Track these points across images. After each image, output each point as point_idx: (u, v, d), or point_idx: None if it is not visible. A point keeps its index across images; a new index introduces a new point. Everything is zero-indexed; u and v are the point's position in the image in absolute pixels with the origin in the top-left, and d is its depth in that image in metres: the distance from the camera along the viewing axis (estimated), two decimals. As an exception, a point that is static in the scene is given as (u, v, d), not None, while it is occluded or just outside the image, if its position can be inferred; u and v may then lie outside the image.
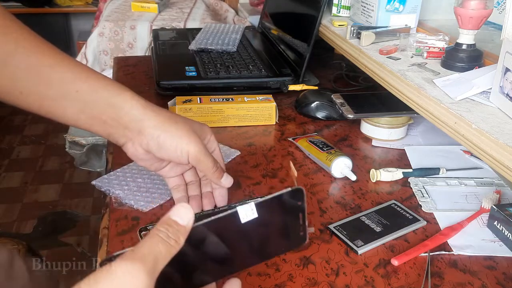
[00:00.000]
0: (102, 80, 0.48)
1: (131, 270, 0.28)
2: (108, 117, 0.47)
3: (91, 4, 2.63)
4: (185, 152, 0.48)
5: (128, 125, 0.47)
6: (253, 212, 0.34)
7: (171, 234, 0.30)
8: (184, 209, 0.31)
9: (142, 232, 0.49)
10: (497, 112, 0.52)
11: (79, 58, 1.51)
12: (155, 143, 0.48)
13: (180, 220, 0.31)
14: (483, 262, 0.49)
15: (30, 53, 0.46)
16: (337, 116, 0.78)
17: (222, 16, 1.67)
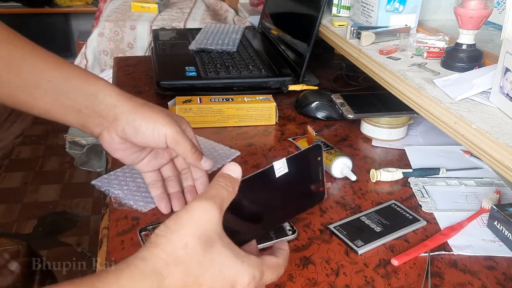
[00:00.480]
0: (75, 70, 0.48)
1: (206, 206, 0.35)
2: (81, 105, 0.47)
3: (91, 4, 2.63)
4: (162, 134, 0.48)
5: (103, 112, 0.47)
6: (285, 166, 0.41)
7: (228, 183, 0.37)
8: (234, 166, 0.39)
9: (142, 233, 0.49)
10: (497, 112, 0.52)
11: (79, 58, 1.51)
12: (131, 127, 0.47)
13: (233, 174, 0.38)
14: (483, 262, 0.49)
15: (1, 45, 0.46)
16: (337, 116, 0.78)
17: (222, 16, 1.67)
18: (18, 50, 0.46)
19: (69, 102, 0.47)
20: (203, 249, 0.34)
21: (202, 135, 0.71)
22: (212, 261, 0.35)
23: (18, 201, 1.67)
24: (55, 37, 2.70)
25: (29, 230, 1.51)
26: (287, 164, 0.41)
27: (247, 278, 0.36)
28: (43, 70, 0.46)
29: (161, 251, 0.34)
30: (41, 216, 1.57)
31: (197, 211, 0.35)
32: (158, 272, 0.33)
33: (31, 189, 1.74)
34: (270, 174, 0.41)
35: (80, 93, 0.47)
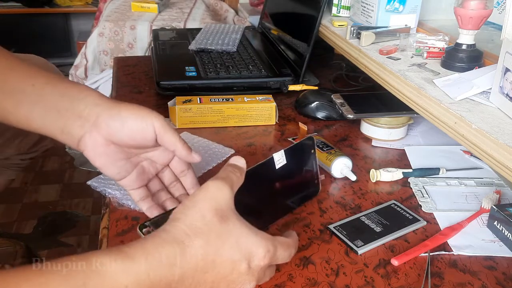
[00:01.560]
0: (59, 76, 0.48)
1: (219, 184, 0.39)
2: (61, 107, 0.45)
3: (91, 4, 2.63)
4: (150, 124, 0.46)
5: (84, 112, 0.45)
6: (283, 158, 0.45)
7: (236, 170, 0.42)
8: (239, 158, 0.43)
9: (143, 229, 0.48)
10: (497, 112, 0.52)
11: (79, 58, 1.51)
12: (116, 120, 0.45)
13: (238, 163, 0.43)
14: (483, 262, 0.49)
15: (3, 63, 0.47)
16: (337, 116, 0.78)
17: (222, 16, 1.67)
18: (7, 61, 0.47)
19: (49, 104, 0.45)
20: (219, 221, 0.37)
21: (202, 135, 0.71)
22: (229, 231, 0.37)
23: (18, 201, 1.67)
24: (55, 37, 2.70)
25: (29, 230, 1.51)
26: (285, 156, 0.45)
27: (262, 250, 0.38)
28: (29, 76, 0.46)
29: (181, 223, 0.37)
30: (41, 216, 1.56)
31: (211, 188, 0.38)
32: (180, 241, 0.36)
33: (31, 189, 1.74)
34: (270, 166, 0.45)
35: (61, 94, 0.46)
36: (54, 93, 0.46)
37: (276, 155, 0.45)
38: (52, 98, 0.46)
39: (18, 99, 0.46)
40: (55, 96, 0.46)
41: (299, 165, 0.49)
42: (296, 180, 0.49)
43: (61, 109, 0.45)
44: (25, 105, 0.46)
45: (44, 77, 0.47)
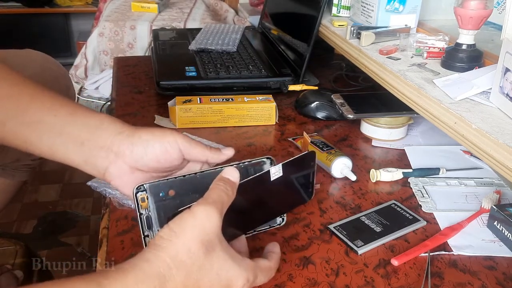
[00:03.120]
0: (81, 106, 0.48)
1: (209, 211, 0.37)
2: (84, 138, 0.45)
3: (91, 4, 2.63)
4: (173, 141, 0.45)
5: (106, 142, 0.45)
6: (280, 171, 0.44)
7: (228, 187, 0.40)
8: (232, 170, 0.41)
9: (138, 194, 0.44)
10: (497, 112, 0.52)
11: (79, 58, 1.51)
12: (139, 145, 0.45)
13: (231, 178, 0.41)
14: (483, 262, 0.49)
15: (12, 85, 0.47)
16: (337, 116, 0.78)
17: (222, 16, 1.67)
18: (28, 90, 0.47)
19: (72, 135, 0.45)
20: (204, 253, 0.36)
21: (202, 135, 0.71)
22: (212, 264, 0.37)
23: (18, 201, 1.67)
24: (55, 37, 2.69)
25: (29, 230, 1.51)
26: (282, 169, 0.44)
27: (241, 281, 0.38)
28: (50, 107, 0.46)
29: (165, 254, 0.36)
30: (41, 216, 1.56)
31: (200, 216, 0.37)
32: (162, 275, 0.35)
33: (31, 189, 1.74)
34: (265, 178, 0.44)
35: (84, 125, 0.46)
36: (77, 124, 0.46)
37: (273, 169, 0.44)
38: (75, 129, 0.46)
39: (41, 130, 0.46)
40: (77, 127, 0.46)
41: (296, 177, 0.49)
42: (290, 189, 0.49)
43: (84, 141, 0.45)
44: (47, 136, 0.46)
45: (66, 106, 0.47)
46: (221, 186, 0.39)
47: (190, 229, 0.36)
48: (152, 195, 0.44)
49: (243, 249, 0.44)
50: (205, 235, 0.36)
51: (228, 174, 0.41)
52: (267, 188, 0.45)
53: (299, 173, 0.49)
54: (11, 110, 0.46)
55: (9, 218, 1.59)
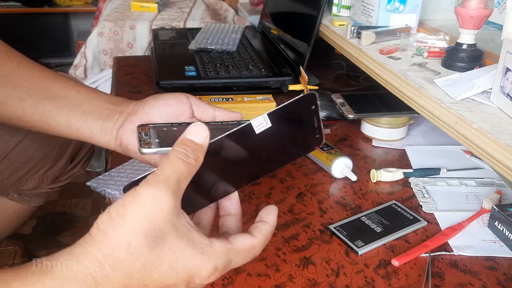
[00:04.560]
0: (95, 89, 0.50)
1: (156, 193, 0.29)
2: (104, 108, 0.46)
3: (90, 4, 2.63)
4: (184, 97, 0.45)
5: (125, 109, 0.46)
6: (267, 122, 0.35)
7: (190, 154, 0.31)
8: (198, 127, 0.32)
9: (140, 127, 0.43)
10: (497, 112, 0.52)
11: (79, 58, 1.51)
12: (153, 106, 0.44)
13: (197, 139, 0.32)
14: (484, 262, 0.49)
15: (32, 68, 0.49)
16: (337, 116, 0.77)
17: (222, 16, 1.67)
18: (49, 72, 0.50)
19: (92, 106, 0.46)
20: (150, 247, 0.29)
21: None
22: (162, 258, 0.30)
23: (17, 201, 1.66)
24: (54, 36, 2.69)
25: (28, 230, 1.51)
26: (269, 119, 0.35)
27: (206, 271, 0.31)
28: (73, 86, 0.48)
29: (97, 251, 0.29)
30: (40, 216, 1.56)
31: (145, 200, 0.29)
32: (90, 278, 0.28)
33: (31, 189, 1.74)
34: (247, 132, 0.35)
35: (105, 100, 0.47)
36: (98, 98, 0.47)
37: (255, 121, 0.35)
38: (95, 102, 0.46)
39: (61, 102, 0.47)
40: (98, 101, 0.47)
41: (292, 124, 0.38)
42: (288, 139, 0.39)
43: (103, 110, 0.46)
44: (68, 107, 0.46)
45: (89, 88, 0.48)
46: (180, 153, 0.31)
47: (131, 218, 0.29)
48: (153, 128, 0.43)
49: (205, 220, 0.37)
50: (151, 224, 0.29)
51: (192, 134, 0.32)
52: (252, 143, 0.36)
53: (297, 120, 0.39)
54: (32, 88, 0.47)
55: (8, 218, 1.58)
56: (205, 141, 0.32)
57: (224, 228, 0.37)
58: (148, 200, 0.29)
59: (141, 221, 0.29)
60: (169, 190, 0.30)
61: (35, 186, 0.70)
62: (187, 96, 0.45)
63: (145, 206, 0.29)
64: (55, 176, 0.73)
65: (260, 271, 0.46)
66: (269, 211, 0.36)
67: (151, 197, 0.29)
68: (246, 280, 0.45)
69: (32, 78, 0.48)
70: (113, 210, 0.29)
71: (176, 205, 0.30)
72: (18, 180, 0.67)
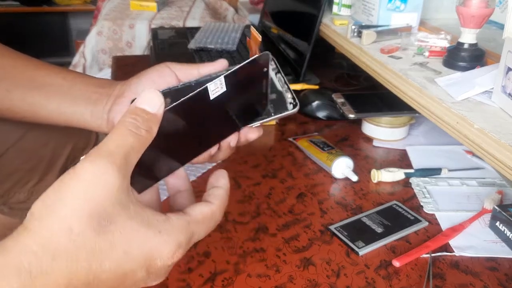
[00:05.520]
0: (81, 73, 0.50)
1: (98, 170, 0.25)
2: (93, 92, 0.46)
3: (89, 3, 2.62)
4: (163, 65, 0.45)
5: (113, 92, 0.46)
6: (222, 86, 0.32)
7: (141, 124, 0.28)
8: (152, 94, 0.29)
9: None
10: (499, 112, 0.51)
11: (77, 57, 1.51)
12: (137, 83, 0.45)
13: (149, 108, 0.28)
14: (485, 263, 0.49)
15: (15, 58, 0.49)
16: (338, 116, 0.77)
17: (221, 15, 1.67)
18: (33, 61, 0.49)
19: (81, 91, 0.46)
20: (96, 231, 0.25)
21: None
22: (112, 243, 0.26)
23: (16, 201, 1.66)
24: (53, 36, 2.69)
25: (27, 229, 1.50)
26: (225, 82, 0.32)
27: (168, 250, 0.28)
28: (58, 72, 0.48)
29: (31, 241, 0.25)
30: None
31: (85, 177, 0.25)
32: (25, 272, 0.24)
33: (30, 189, 1.73)
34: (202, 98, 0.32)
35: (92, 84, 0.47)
36: (84, 83, 0.47)
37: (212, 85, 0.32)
38: (83, 87, 0.47)
39: (49, 91, 0.47)
40: (85, 86, 0.47)
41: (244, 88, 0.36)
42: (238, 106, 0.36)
43: (91, 94, 0.46)
44: (56, 96, 0.46)
45: (73, 73, 0.49)
46: (129, 124, 0.27)
47: (71, 199, 0.25)
48: None
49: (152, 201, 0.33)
50: (94, 205, 0.25)
51: (144, 102, 0.28)
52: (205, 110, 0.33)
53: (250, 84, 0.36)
54: (18, 78, 0.47)
55: (7, 218, 1.58)
56: (158, 110, 0.28)
57: (176, 205, 0.34)
58: (89, 177, 0.25)
59: (81, 202, 0.25)
60: (113, 165, 0.26)
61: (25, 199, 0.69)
62: (168, 66, 0.44)
63: (85, 185, 0.25)
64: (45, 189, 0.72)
65: (260, 271, 0.46)
66: (218, 175, 0.34)
67: (91, 174, 0.25)
68: (246, 280, 0.45)
69: (16, 69, 0.47)
70: (49, 193, 0.25)
71: (124, 182, 0.26)
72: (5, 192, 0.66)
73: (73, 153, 0.69)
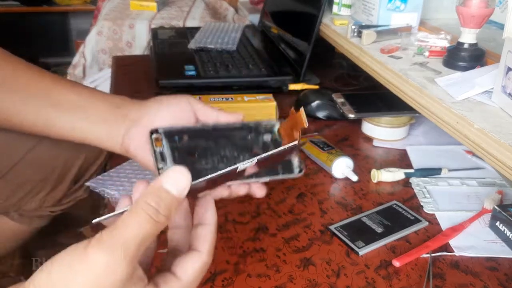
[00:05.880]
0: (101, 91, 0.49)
1: (111, 261, 0.25)
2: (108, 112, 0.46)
3: (89, 3, 2.62)
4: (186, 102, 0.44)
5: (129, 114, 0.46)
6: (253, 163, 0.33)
7: (162, 210, 0.26)
8: (180, 175, 0.27)
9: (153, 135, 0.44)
10: (499, 112, 0.51)
11: (77, 57, 1.51)
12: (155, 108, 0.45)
13: (175, 190, 0.27)
14: (485, 263, 0.49)
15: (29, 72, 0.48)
16: (338, 116, 0.77)
17: (221, 15, 1.67)
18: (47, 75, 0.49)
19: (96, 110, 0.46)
20: None
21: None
22: None
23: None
24: (53, 35, 2.68)
25: (27, 229, 1.50)
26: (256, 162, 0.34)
27: None
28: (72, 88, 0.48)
29: None
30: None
31: (96, 269, 0.25)
32: None
33: (30, 189, 1.73)
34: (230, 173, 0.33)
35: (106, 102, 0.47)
36: (100, 101, 0.47)
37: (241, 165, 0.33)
38: (98, 105, 0.46)
39: (64, 108, 0.46)
40: (100, 103, 0.46)
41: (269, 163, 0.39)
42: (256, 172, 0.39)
43: (108, 116, 0.46)
44: (70, 112, 0.46)
45: (89, 89, 0.48)
46: (151, 210, 0.26)
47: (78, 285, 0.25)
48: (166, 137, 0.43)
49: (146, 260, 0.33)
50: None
51: (169, 182, 0.27)
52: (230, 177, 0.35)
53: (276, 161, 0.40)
54: (33, 94, 0.47)
55: (7, 218, 1.58)
56: (182, 193, 0.27)
57: (173, 242, 0.34)
58: (100, 270, 0.25)
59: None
60: (127, 257, 0.25)
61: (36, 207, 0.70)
62: (191, 103, 0.45)
63: (95, 277, 0.25)
64: (56, 199, 0.72)
65: (260, 271, 0.46)
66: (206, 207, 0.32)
67: (103, 266, 0.25)
68: (246, 280, 0.45)
69: (30, 82, 0.47)
70: (56, 273, 0.25)
71: (131, 271, 0.26)
72: (17, 201, 0.67)
73: (85, 164, 0.69)
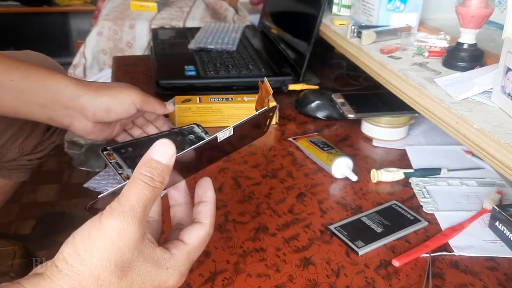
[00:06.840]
0: (34, 67, 0.51)
1: (123, 226, 0.29)
2: (46, 100, 0.49)
3: (90, 3, 2.62)
4: (131, 103, 0.55)
5: (68, 104, 0.50)
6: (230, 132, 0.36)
7: (156, 177, 0.31)
8: (165, 146, 0.31)
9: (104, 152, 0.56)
10: (498, 112, 0.52)
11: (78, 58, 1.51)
12: (101, 110, 0.52)
13: (163, 159, 0.31)
14: (485, 263, 0.49)
15: None
16: (337, 116, 0.77)
17: (221, 15, 1.67)
18: None
19: (32, 97, 0.49)
20: (119, 277, 0.30)
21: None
22: (131, 284, 0.31)
23: (16, 201, 1.66)
24: (53, 36, 2.69)
25: (27, 230, 1.51)
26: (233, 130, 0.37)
27: (173, 280, 0.33)
28: (5, 71, 0.49)
29: (65, 284, 0.29)
30: (40, 216, 1.56)
31: (112, 234, 0.29)
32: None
33: (30, 190, 1.73)
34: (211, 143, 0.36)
35: (41, 88, 0.49)
36: (34, 87, 0.49)
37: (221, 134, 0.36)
38: (33, 91, 0.49)
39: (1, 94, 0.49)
40: (35, 90, 0.49)
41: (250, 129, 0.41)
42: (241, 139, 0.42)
43: (46, 103, 0.49)
44: (8, 99, 0.49)
45: (20, 70, 0.50)
46: (146, 178, 0.31)
47: (99, 252, 0.29)
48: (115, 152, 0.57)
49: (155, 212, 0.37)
50: (119, 256, 0.30)
51: (157, 153, 0.31)
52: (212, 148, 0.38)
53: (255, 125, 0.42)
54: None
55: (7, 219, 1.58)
56: (171, 160, 0.32)
57: (177, 219, 0.38)
58: (115, 233, 0.29)
59: (108, 255, 0.30)
60: (135, 220, 0.30)
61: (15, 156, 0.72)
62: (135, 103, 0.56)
63: (112, 240, 0.29)
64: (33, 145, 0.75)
65: (260, 271, 0.46)
66: (205, 187, 0.37)
67: (117, 230, 0.30)
68: (246, 280, 0.45)
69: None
70: (79, 243, 0.30)
71: (142, 231, 0.31)
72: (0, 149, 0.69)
73: None
